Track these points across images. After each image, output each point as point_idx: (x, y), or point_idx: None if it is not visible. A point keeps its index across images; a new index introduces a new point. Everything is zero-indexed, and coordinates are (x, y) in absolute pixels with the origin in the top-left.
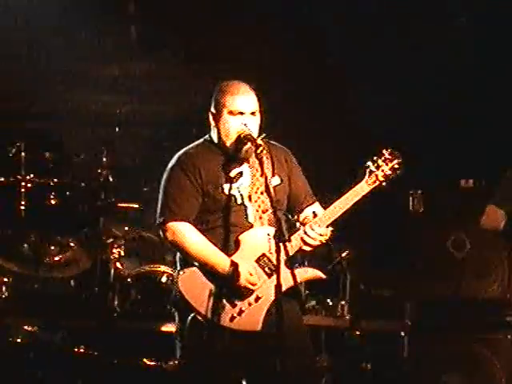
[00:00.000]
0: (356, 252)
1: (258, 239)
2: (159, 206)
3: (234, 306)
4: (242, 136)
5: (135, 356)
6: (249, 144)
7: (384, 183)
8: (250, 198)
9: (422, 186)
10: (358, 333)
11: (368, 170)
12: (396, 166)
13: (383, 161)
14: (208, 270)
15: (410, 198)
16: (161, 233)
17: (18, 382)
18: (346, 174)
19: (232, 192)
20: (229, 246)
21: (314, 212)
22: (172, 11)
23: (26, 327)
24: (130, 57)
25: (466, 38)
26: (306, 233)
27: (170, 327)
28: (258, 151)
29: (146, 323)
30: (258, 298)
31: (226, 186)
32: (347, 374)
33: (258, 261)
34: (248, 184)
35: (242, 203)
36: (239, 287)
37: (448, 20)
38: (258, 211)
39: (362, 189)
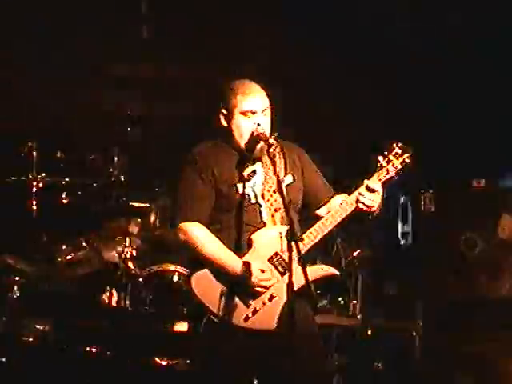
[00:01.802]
0: (368, 251)
1: (270, 238)
2: (174, 206)
3: (248, 305)
4: (254, 135)
5: (147, 356)
6: (262, 143)
7: (395, 177)
8: (263, 196)
9: (434, 186)
10: (369, 332)
11: (379, 165)
12: (407, 160)
13: (394, 155)
14: (221, 271)
15: (422, 198)
16: (176, 232)
17: (31, 382)
18: (357, 173)
19: (245, 191)
20: (242, 245)
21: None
22: (184, 10)
23: (38, 327)
24: (144, 56)
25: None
26: (361, 194)
27: (181, 327)
28: (271, 150)
29: (158, 323)
30: (271, 297)
31: (240, 186)
32: (359, 373)
33: (270, 260)
34: (261, 182)
35: (256, 202)
36: (252, 286)
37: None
38: (270, 210)
39: (373, 184)
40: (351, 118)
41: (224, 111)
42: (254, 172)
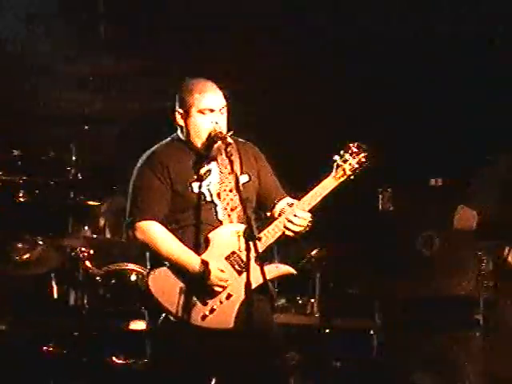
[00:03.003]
0: (325, 250)
1: (227, 237)
2: (128, 205)
3: (205, 304)
4: (212, 134)
5: (104, 355)
6: (219, 142)
7: (351, 177)
8: (218, 195)
9: (392, 184)
10: (327, 331)
11: (335, 164)
12: (363, 160)
13: (350, 154)
14: (179, 269)
15: (380, 196)
16: (130, 232)
17: None
18: (315, 169)
19: (201, 190)
20: (199, 244)
21: (288, 203)
22: (142, 9)
23: None
24: (98, 55)
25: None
26: (289, 220)
27: (139, 325)
28: (228, 149)
29: (115, 322)
30: (229, 296)
31: (195, 185)
32: (316, 372)
33: (227, 258)
34: (217, 182)
35: (212, 201)
36: (210, 285)
37: None
38: (226, 209)
39: (331, 183)
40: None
41: (180, 110)
42: (210, 171)
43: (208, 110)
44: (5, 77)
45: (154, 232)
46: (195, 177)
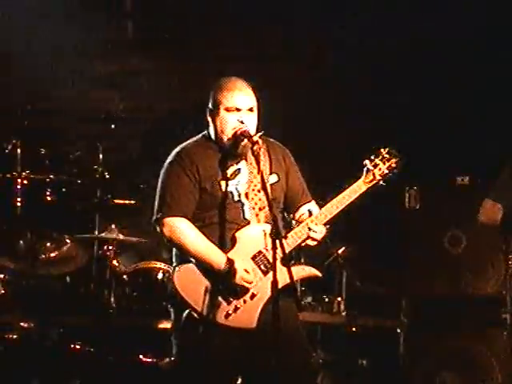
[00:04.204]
0: (352, 249)
1: (254, 236)
2: (157, 201)
3: (229, 303)
4: (238, 133)
5: (131, 353)
6: (245, 140)
7: (381, 182)
8: (246, 195)
9: (418, 183)
10: (354, 329)
11: (366, 169)
12: (393, 165)
13: (380, 159)
14: (204, 267)
15: (406, 195)
16: (158, 228)
17: (14, 379)
18: (346, 172)
19: (229, 189)
20: (225, 242)
21: (309, 210)
22: (170, 7)
23: (22, 324)
24: (127, 53)
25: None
26: (311, 229)
27: (166, 324)
28: (254, 148)
29: (142, 320)
30: (253, 296)
31: (223, 183)
32: (343, 370)
33: (253, 258)
34: (245, 181)
35: (239, 200)
36: (235, 284)
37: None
38: (254, 209)
39: (360, 187)
40: (342, 117)
41: (210, 107)
42: (239, 170)
43: (234, 108)
44: (32, 77)
45: (182, 229)
46: (223, 175)
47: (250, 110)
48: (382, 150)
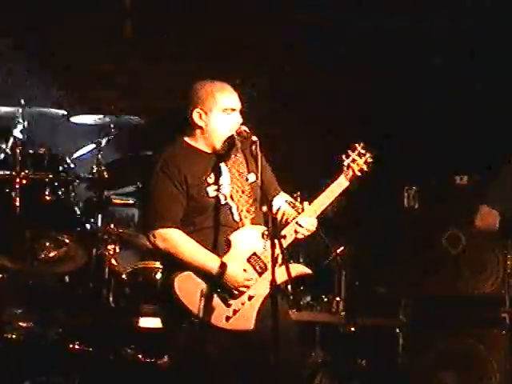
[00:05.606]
0: (351, 248)
1: (247, 238)
2: (147, 212)
3: (228, 306)
4: (244, 134)
5: (130, 353)
6: (238, 143)
7: (359, 177)
8: (232, 197)
9: (417, 183)
10: (352, 329)
11: (346, 165)
12: (369, 160)
13: (357, 155)
14: (202, 273)
15: (405, 195)
16: (151, 239)
17: (14, 379)
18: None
19: (215, 193)
20: (218, 246)
21: (286, 201)
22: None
23: (20, 323)
24: (126, 53)
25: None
26: (299, 224)
27: (151, 323)
28: (253, 148)
29: (142, 320)
30: (250, 297)
31: (210, 189)
32: (342, 370)
33: (248, 260)
34: (228, 183)
35: (226, 203)
36: (235, 287)
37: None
38: (242, 210)
39: (342, 183)
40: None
41: (199, 111)
42: (221, 173)
43: (230, 109)
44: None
45: (176, 239)
46: (209, 180)
47: (240, 110)
48: (357, 145)
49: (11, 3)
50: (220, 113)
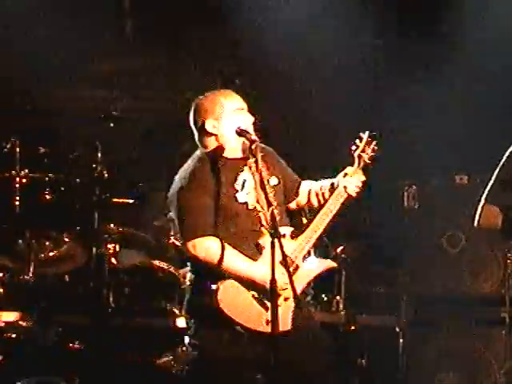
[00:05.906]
0: (351, 248)
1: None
2: (184, 224)
3: (267, 309)
4: (238, 133)
5: (129, 352)
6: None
7: (370, 165)
8: (258, 201)
9: (417, 182)
10: (352, 328)
11: (357, 155)
12: (375, 148)
13: (365, 144)
14: (242, 279)
15: (405, 194)
16: (191, 250)
17: (14, 379)
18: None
19: (243, 200)
20: (250, 250)
21: (312, 183)
22: (168, 7)
23: (21, 323)
24: (125, 52)
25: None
26: (345, 187)
27: (164, 323)
28: (253, 147)
29: (141, 319)
30: (286, 299)
31: (238, 195)
32: (342, 369)
33: (281, 262)
34: (253, 188)
35: (254, 208)
36: (276, 290)
37: None
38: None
39: (359, 173)
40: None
41: (211, 121)
42: (245, 179)
43: (238, 109)
44: (31, 76)
45: (216, 247)
46: (237, 187)
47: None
48: (362, 134)
49: None
50: (230, 115)
